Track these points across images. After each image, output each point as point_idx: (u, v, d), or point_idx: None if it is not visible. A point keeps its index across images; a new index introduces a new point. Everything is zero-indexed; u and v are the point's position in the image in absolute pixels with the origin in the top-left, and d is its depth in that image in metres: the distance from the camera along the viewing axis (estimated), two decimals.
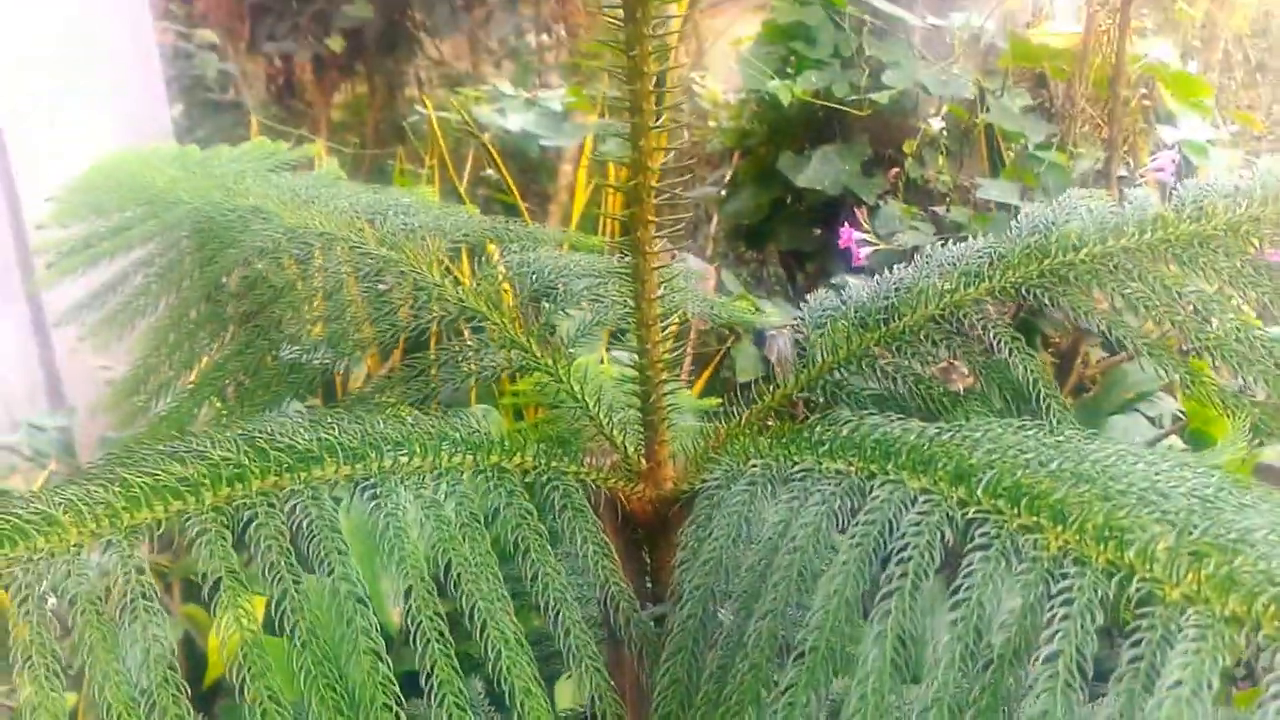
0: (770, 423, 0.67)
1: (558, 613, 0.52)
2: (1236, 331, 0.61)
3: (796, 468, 0.53)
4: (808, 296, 0.74)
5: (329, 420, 0.55)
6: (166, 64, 2.38)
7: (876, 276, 0.71)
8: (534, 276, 0.78)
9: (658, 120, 0.56)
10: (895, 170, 1.80)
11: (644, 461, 0.64)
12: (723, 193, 2.08)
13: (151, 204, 0.88)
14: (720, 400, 0.77)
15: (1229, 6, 2.80)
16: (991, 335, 0.64)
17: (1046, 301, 0.64)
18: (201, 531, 0.47)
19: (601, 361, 1.25)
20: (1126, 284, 0.63)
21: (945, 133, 1.79)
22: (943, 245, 0.72)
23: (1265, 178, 0.66)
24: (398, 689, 0.46)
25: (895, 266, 0.71)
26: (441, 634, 0.47)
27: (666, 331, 0.63)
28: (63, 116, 1.85)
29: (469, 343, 0.75)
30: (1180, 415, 1.34)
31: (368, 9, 3.01)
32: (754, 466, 0.55)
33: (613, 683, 0.53)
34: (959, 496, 0.46)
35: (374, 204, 0.83)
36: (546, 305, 0.80)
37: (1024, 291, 0.65)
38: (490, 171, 2.07)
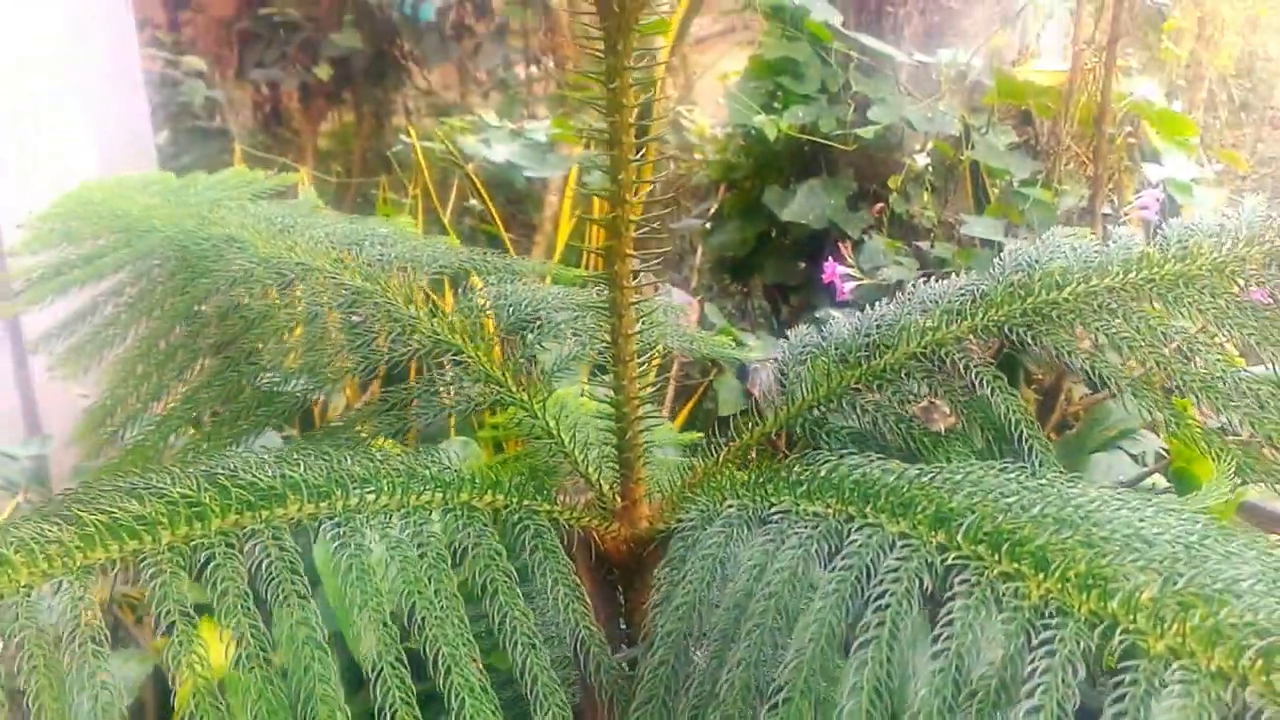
0: (751, 457, 0.66)
1: (525, 659, 0.50)
2: (1220, 371, 0.60)
3: (774, 509, 0.52)
4: (789, 331, 0.73)
5: (295, 457, 0.54)
6: (153, 90, 2.37)
7: (859, 312, 0.70)
8: (511, 309, 0.77)
9: (638, 153, 0.55)
10: (880, 205, 1.80)
11: (619, 499, 0.63)
12: (708, 225, 2.08)
13: (125, 232, 0.86)
14: (701, 435, 0.75)
15: (1214, 46, 2.83)
16: (973, 374, 0.63)
17: (1029, 340, 0.63)
18: (157, 573, 0.45)
19: (582, 394, 1.23)
20: (1110, 323, 0.62)
21: (930, 169, 1.79)
22: (926, 281, 0.71)
23: (1250, 217, 0.66)
24: None
25: (878, 302, 0.70)
26: (402, 680, 0.45)
27: (644, 367, 0.62)
28: (48, 135, 1.83)
29: (447, 376, 0.73)
30: (1164, 453, 1.33)
31: (356, 38, 3.01)
32: (730, 507, 0.53)
33: None
34: (939, 541, 0.45)
35: (351, 234, 0.82)
36: (528, 337, 0.79)
37: (1007, 330, 0.64)
38: (475, 202, 2.06)
